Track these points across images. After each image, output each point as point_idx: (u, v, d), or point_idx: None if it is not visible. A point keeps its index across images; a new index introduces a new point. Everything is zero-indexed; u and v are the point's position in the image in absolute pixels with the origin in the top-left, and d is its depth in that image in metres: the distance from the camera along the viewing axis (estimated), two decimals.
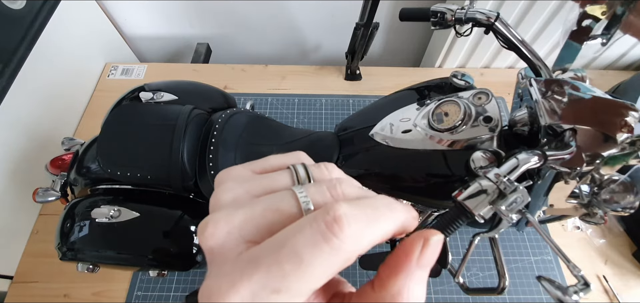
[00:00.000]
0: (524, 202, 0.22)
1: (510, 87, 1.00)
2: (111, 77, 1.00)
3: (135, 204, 0.53)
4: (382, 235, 0.16)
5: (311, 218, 0.14)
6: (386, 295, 0.16)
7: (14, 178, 0.73)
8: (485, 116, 0.39)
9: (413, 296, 0.16)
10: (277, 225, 0.15)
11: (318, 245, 0.14)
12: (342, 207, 0.14)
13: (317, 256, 0.14)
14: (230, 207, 0.16)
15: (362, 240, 0.15)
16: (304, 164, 0.19)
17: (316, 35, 1.15)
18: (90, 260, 0.55)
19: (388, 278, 0.16)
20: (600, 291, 0.69)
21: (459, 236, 0.74)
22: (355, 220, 0.14)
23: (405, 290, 0.16)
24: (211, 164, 0.53)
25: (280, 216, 0.16)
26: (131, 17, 1.08)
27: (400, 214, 0.17)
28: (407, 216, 0.17)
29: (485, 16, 0.44)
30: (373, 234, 0.15)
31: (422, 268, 0.16)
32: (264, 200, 0.16)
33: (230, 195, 0.17)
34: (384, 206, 0.16)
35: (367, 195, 0.17)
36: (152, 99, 0.61)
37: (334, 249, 0.14)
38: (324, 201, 0.16)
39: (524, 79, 0.38)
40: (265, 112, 0.93)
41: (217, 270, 0.15)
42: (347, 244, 0.14)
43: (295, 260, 0.14)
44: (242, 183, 0.18)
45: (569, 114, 0.29)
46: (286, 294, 0.14)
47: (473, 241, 0.27)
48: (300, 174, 0.18)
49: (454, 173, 0.41)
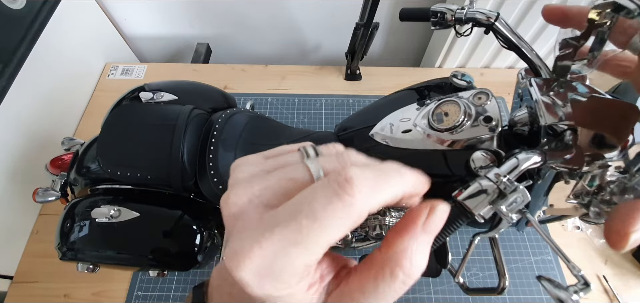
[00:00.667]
0: (524, 202, 0.22)
1: (510, 87, 1.00)
2: (111, 77, 1.00)
3: (135, 204, 0.53)
4: (392, 196, 0.17)
5: (324, 180, 0.16)
6: (391, 254, 0.17)
7: (14, 178, 0.73)
8: (485, 116, 0.39)
9: (415, 259, 0.17)
10: (292, 191, 0.17)
11: (332, 202, 0.15)
12: (352, 169, 0.16)
13: (331, 213, 0.15)
14: (248, 181, 0.18)
15: (372, 199, 0.16)
16: (312, 145, 0.20)
17: (316, 35, 1.15)
18: (90, 260, 0.55)
19: (394, 238, 0.17)
20: (600, 291, 0.69)
21: (459, 236, 0.74)
22: (365, 179, 0.16)
23: (409, 250, 0.17)
24: (211, 164, 0.53)
25: (294, 184, 0.17)
26: (131, 17, 1.08)
27: (408, 177, 0.18)
28: (415, 180, 0.19)
29: (485, 16, 0.43)
30: (383, 193, 0.17)
31: (427, 233, 0.17)
32: (279, 172, 0.18)
33: (246, 173, 0.19)
34: (393, 170, 0.18)
35: (375, 163, 0.19)
36: (152, 99, 0.61)
37: (347, 206, 0.15)
38: (333, 168, 0.18)
39: (523, 79, 0.38)
40: (265, 113, 0.93)
41: (239, 235, 0.16)
42: (359, 201, 0.15)
43: (312, 217, 0.15)
44: (257, 165, 0.19)
45: (568, 114, 0.29)
46: (304, 247, 0.15)
47: (473, 241, 0.27)
48: (310, 152, 0.19)
49: (454, 172, 0.41)
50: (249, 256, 0.15)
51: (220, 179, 0.52)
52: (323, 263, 0.19)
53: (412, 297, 0.68)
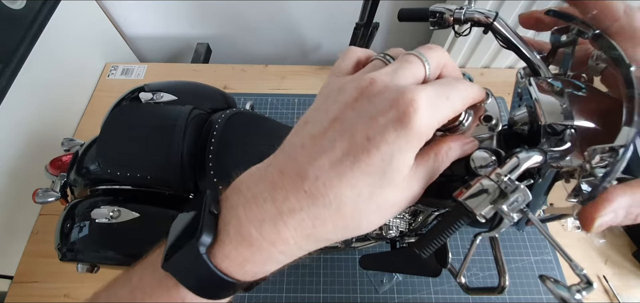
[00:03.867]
0: (526, 201, 0.22)
1: (510, 87, 1.00)
2: (111, 77, 1.00)
3: (135, 204, 0.53)
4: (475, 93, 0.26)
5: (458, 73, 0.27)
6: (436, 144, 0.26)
7: (14, 178, 0.73)
8: (485, 116, 0.39)
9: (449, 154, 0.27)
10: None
11: (459, 80, 0.25)
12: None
13: (460, 87, 0.24)
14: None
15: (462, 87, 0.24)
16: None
17: (316, 35, 1.15)
18: (90, 261, 0.55)
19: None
20: (600, 291, 0.69)
21: (459, 236, 0.74)
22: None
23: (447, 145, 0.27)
24: (211, 165, 0.53)
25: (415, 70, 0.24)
26: (131, 17, 1.08)
27: (464, 88, 0.25)
28: (471, 89, 0.26)
29: (484, 16, 0.43)
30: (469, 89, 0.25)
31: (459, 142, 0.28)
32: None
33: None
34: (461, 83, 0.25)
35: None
36: (152, 99, 0.61)
37: (466, 84, 0.25)
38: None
39: (523, 78, 0.38)
40: (265, 113, 0.93)
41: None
42: (467, 87, 0.25)
43: (453, 84, 0.23)
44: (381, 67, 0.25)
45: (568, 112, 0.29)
46: (449, 102, 0.22)
47: (474, 241, 0.27)
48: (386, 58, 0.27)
49: (454, 172, 0.41)
50: (415, 96, 0.20)
51: (220, 180, 0.52)
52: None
53: (412, 297, 0.68)
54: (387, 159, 0.20)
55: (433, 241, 0.25)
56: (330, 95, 0.23)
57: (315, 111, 0.24)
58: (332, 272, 0.70)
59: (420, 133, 0.20)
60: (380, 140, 0.20)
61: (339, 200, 0.20)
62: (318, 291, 0.68)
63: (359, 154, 0.20)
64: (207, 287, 0.22)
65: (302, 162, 0.21)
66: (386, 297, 0.68)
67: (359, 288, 0.69)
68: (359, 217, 0.22)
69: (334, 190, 0.20)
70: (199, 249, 0.21)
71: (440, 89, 0.22)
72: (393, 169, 0.21)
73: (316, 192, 0.20)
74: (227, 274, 0.22)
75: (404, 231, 0.54)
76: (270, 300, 0.67)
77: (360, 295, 0.68)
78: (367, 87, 0.22)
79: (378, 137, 0.20)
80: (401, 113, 0.20)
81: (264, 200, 0.22)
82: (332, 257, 0.72)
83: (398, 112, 0.20)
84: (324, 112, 0.23)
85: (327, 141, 0.21)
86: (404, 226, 0.54)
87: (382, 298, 0.68)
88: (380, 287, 0.69)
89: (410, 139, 0.20)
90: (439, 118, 0.22)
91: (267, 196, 0.22)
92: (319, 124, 0.22)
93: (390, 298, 0.68)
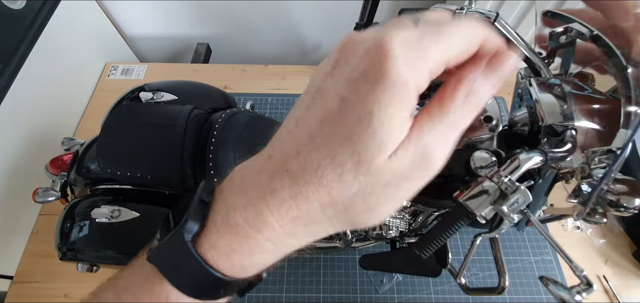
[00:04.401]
0: (526, 202, 0.22)
1: (511, 87, 0.99)
2: (111, 77, 1.00)
3: (135, 204, 0.53)
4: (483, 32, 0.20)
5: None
6: (456, 76, 0.19)
7: (14, 178, 0.73)
8: (485, 116, 0.39)
9: (477, 89, 0.19)
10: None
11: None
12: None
13: (457, 23, 0.19)
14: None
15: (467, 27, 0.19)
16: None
17: (316, 35, 1.15)
18: (90, 260, 0.55)
19: (458, 69, 0.20)
20: (600, 291, 0.69)
21: (459, 237, 0.74)
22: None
23: (471, 78, 0.19)
24: (211, 164, 0.53)
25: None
26: (131, 17, 1.08)
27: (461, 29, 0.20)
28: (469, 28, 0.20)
29: (485, 16, 0.43)
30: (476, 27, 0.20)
31: (491, 69, 0.19)
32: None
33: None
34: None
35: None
36: (152, 99, 0.61)
37: (471, 25, 0.19)
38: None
39: (523, 78, 0.38)
40: (265, 113, 0.93)
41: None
42: (472, 27, 0.19)
43: (445, 21, 0.20)
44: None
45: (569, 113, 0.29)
46: (441, 39, 0.18)
47: (475, 242, 0.27)
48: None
49: (454, 172, 0.41)
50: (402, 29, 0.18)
51: (220, 179, 0.52)
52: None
53: (412, 297, 0.68)
54: (366, 118, 0.17)
55: (433, 241, 0.25)
56: (317, 73, 0.22)
57: (304, 93, 0.22)
58: (332, 272, 0.70)
59: (402, 82, 0.17)
60: (355, 98, 0.17)
61: (320, 173, 0.18)
62: (318, 291, 0.68)
63: (334, 118, 0.18)
64: (192, 283, 0.21)
65: (287, 142, 0.20)
66: (386, 297, 0.68)
67: (359, 288, 0.69)
68: (347, 193, 0.19)
69: (314, 163, 0.18)
70: (184, 236, 0.20)
71: (426, 28, 0.19)
72: (378, 130, 0.17)
73: (297, 169, 0.19)
74: (213, 267, 0.21)
75: (404, 231, 0.54)
76: (270, 300, 0.67)
77: (360, 295, 0.68)
78: (344, 47, 0.20)
79: (352, 95, 0.17)
80: (372, 61, 0.17)
81: (251, 186, 0.21)
82: (332, 257, 0.72)
83: (369, 61, 0.17)
84: (308, 91, 0.21)
85: (309, 115, 0.19)
86: (404, 226, 0.54)
87: (382, 298, 0.68)
88: (380, 287, 0.69)
89: (389, 90, 0.17)
90: (430, 63, 0.18)
91: (255, 181, 0.21)
92: (303, 102, 0.21)
93: (390, 298, 0.68)
